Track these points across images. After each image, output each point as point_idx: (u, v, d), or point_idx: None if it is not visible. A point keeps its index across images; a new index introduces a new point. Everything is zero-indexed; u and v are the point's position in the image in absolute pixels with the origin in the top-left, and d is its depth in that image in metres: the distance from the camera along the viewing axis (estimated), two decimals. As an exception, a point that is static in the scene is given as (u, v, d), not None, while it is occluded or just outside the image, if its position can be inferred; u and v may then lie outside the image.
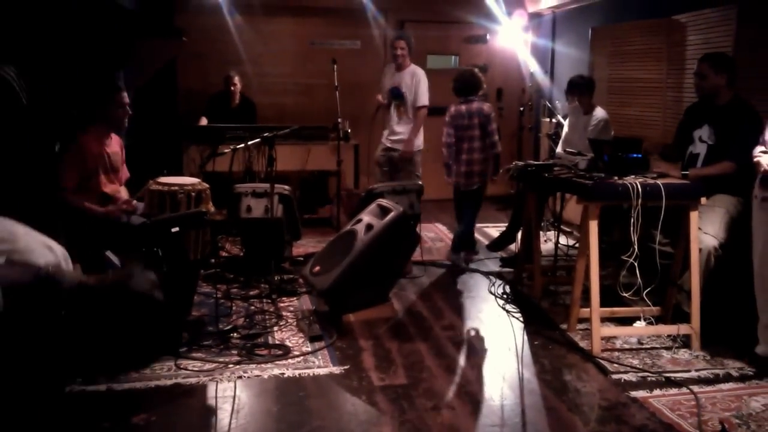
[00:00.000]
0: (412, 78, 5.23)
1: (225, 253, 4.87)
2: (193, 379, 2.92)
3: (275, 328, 3.56)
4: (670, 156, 3.98)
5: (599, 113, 4.92)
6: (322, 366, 3.12)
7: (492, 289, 4.32)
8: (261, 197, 4.36)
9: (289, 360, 3.16)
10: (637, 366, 3.14)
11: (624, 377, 3.03)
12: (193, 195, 3.83)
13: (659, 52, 5.19)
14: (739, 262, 3.30)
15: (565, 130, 5.25)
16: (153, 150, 5.39)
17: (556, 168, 3.85)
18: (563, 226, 5.08)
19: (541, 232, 4.93)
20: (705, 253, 3.38)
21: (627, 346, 3.39)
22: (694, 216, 3.30)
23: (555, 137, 5.64)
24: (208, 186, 3.97)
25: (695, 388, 2.90)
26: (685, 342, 3.36)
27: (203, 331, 3.41)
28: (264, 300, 3.98)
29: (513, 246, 4.90)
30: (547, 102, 6.41)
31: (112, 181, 3.83)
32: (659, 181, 3.28)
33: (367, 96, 6.04)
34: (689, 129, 3.78)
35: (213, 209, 4.04)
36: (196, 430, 2.58)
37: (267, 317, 3.71)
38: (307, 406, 2.74)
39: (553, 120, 5.99)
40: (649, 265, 3.33)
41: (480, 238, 5.67)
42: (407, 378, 3.02)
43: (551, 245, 4.79)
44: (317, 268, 3.73)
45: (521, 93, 7.20)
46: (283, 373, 3.01)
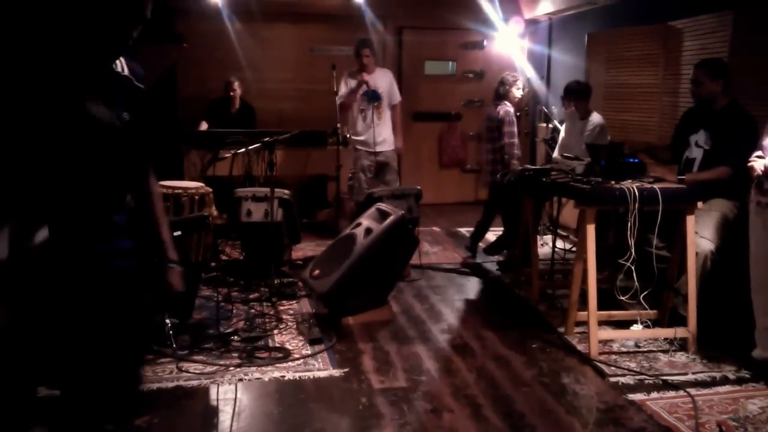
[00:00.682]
0: (387, 78, 5.47)
1: (225, 257, 4.89)
2: (195, 382, 2.94)
3: (275, 331, 3.59)
4: (656, 156, 4.01)
5: (595, 118, 4.96)
6: (322, 369, 3.14)
7: (489, 293, 4.34)
8: (261, 201, 4.39)
9: (290, 363, 3.18)
10: (635, 369, 3.16)
11: (621, 380, 3.05)
12: (197, 198, 3.86)
13: (655, 57, 5.22)
14: (736, 265, 3.33)
15: (562, 135, 5.29)
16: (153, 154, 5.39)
17: (553, 173, 3.88)
18: (560, 230, 5.11)
19: (538, 236, 4.97)
20: (701, 257, 3.41)
21: (624, 349, 3.42)
22: (690, 220, 3.33)
23: (551, 142, 5.68)
24: (211, 190, 3.99)
25: (692, 390, 2.92)
26: (682, 345, 3.38)
27: (204, 334, 3.44)
28: (264, 303, 4.00)
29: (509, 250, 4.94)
30: (544, 107, 6.45)
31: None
32: (656, 186, 3.30)
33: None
34: (685, 134, 3.80)
35: (216, 213, 4.06)
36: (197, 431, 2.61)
37: (267, 320, 3.74)
38: (308, 408, 2.76)
39: (550, 125, 6.02)
40: (646, 269, 3.35)
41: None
42: (406, 381, 3.04)
43: (548, 249, 4.82)
44: (317, 271, 3.75)
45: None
46: (284, 376, 3.03)
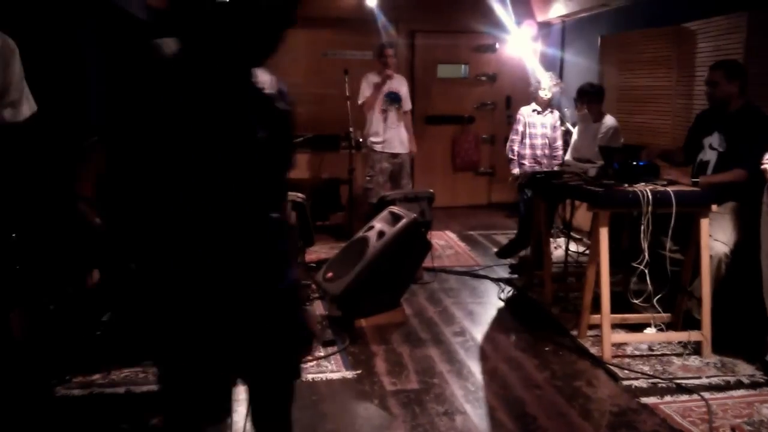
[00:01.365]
0: (404, 84, 5.60)
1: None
2: (209, 383, 2.96)
3: (288, 333, 3.61)
4: (670, 158, 3.99)
5: (609, 121, 4.94)
6: (335, 370, 3.15)
7: (502, 296, 4.34)
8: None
9: (303, 364, 3.20)
10: (648, 372, 3.15)
11: (635, 383, 3.04)
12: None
13: (669, 59, 5.19)
14: (750, 269, 3.30)
15: (575, 137, 5.27)
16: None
17: (565, 175, 3.87)
18: (573, 232, 5.09)
19: (551, 239, 4.95)
20: (716, 260, 3.39)
21: (637, 352, 3.40)
22: (704, 223, 3.31)
23: (564, 145, 5.66)
24: None
25: (706, 394, 2.90)
26: (696, 349, 3.36)
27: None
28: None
29: (522, 252, 4.93)
30: (556, 110, 6.43)
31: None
32: (669, 189, 3.29)
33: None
34: (699, 136, 3.77)
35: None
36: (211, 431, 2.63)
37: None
38: (320, 410, 2.78)
39: (562, 128, 6.01)
40: (660, 272, 3.34)
41: (489, 245, 5.71)
42: (419, 383, 3.05)
43: (561, 252, 4.81)
44: (330, 274, 3.77)
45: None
46: (297, 378, 3.05)
